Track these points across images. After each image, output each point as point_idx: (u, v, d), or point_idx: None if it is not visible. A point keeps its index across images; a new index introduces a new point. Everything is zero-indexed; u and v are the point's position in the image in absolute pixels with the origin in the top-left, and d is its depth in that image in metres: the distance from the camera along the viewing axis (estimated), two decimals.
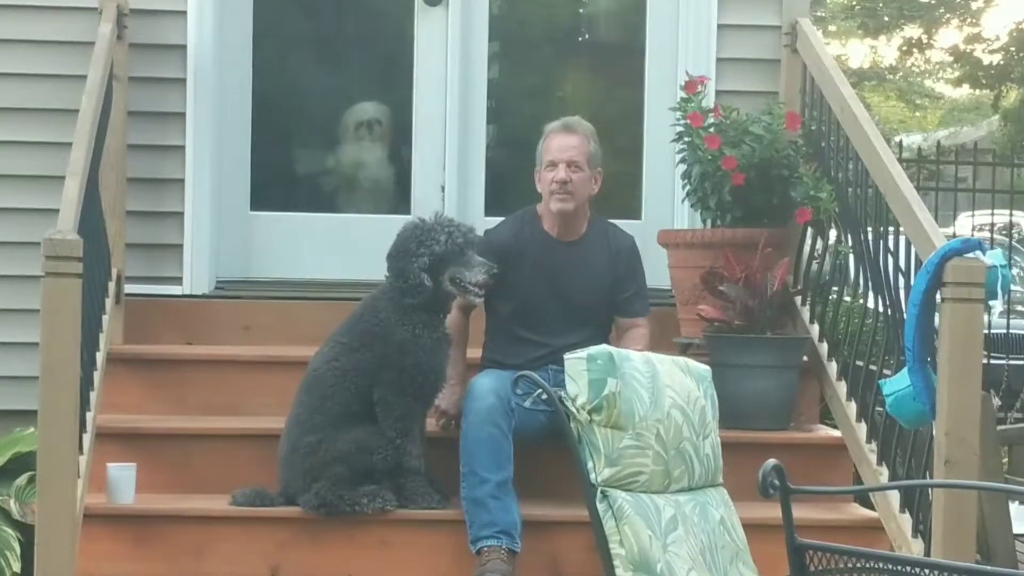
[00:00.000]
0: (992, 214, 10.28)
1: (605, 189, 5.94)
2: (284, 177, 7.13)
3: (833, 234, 6.36)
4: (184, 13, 6.61)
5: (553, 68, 7.51)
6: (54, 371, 4.76)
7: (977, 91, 24.66)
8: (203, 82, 6.63)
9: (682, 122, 6.40)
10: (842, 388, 6.05)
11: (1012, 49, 21.51)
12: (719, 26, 6.90)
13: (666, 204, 6.96)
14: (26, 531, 5.68)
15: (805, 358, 6.22)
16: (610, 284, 5.87)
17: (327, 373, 5.52)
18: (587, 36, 7.78)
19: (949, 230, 11.07)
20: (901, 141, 11.15)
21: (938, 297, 5.03)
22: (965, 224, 11.67)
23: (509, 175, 6.98)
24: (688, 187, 6.39)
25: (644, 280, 5.97)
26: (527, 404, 4.45)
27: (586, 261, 5.84)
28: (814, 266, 6.42)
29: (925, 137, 24.51)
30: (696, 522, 4.36)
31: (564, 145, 5.79)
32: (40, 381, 4.77)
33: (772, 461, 3.67)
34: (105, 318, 5.86)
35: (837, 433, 6.06)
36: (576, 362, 4.34)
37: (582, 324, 5.77)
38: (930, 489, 5.12)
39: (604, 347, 4.41)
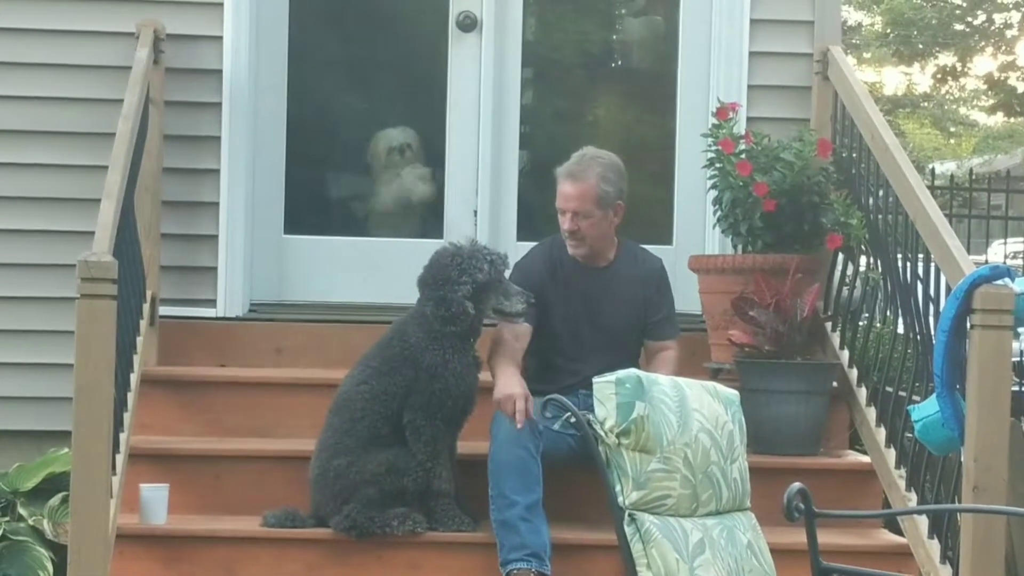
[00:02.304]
0: None
1: (637, 214, 5.95)
2: (318, 201, 7.16)
3: (864, 260, 6.36)
4: (220, 38, 6.65)
5: (586, 94, 7.53)
6: (88, 392, 4.79)
7: (1011, 119, 24.59)
8: (238, 106, 6.67)
9: (713, 148, 6.42)
10: (872, 414, 6.05)
11: None
12: (751, 53, 6.91)
13: (697, 229, 6.96)
14: (59, 551, 5.71)
15: (835, 384, 6.23)
16: (640, 307, 5.88)
17: (357, 396, 5.54)
18: (620, 62, 7.80)
19: (982, 257, 11.04)
20: (934, 168, 11.13)
21: (967, 324, 5.04)
22: (998, 252, 11.62)
23: (541, 200, 6.96)
24: (719, 213, 6.41)
25: (673, 303, 5.99)
26: (556, 427, 4.47)
27: (616, 285, 5.85)
28: (844, 292, 6.42)
29: (959, 164, 24.42)
30: (723, 546, 4.37)
31: (568, 195, 5.75)
32: (74, 402, 4.80)
33: (797, 485, 3.69)
34: (139, 340, 5.91)
35: (866, 459, 6.06)
36: (604, 385, 4.35)
37: (613, 348, 5.78)
38: (958, 515, 5.12)
39: (632, 371, 4.41)
